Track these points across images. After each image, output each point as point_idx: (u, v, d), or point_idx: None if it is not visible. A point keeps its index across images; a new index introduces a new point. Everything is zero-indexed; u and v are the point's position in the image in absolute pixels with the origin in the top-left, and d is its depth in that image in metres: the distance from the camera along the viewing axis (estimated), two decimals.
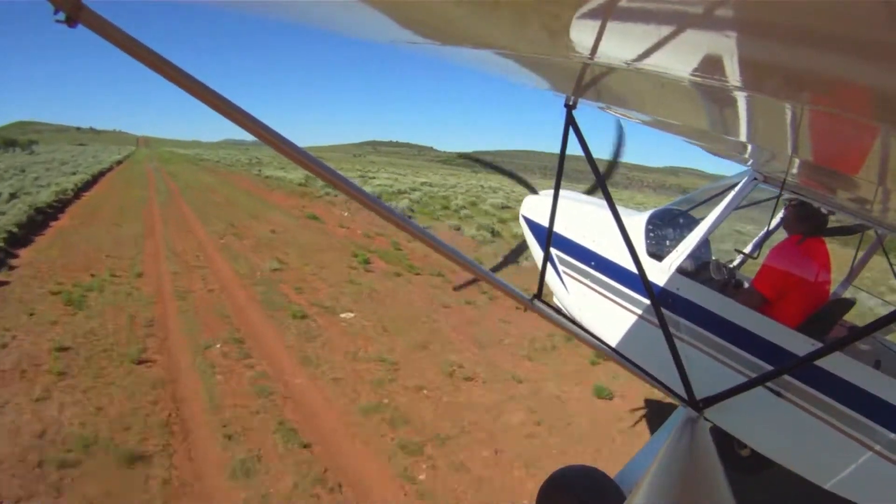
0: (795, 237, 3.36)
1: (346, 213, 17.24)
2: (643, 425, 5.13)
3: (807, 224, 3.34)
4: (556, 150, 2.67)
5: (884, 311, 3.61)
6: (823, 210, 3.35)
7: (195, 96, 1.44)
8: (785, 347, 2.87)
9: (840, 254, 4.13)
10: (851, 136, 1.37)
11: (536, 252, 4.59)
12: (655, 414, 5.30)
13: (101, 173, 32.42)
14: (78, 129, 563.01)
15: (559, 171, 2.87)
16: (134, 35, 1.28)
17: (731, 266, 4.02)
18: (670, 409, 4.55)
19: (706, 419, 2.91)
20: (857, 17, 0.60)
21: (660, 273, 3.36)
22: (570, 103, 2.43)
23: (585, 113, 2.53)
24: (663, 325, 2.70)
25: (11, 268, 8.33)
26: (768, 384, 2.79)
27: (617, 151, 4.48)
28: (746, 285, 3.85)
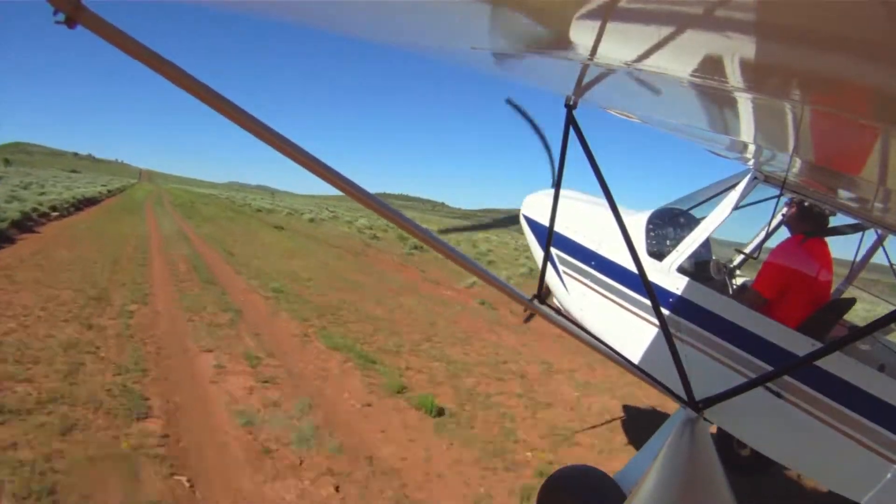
0: (798, 237, 3.35)
1: None
2: None
3: (809, 224, 3.33)
4: None
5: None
6: (825, 210, 3.35)
7: (197, 97, 1.44)
8: (785, 348, 2.86)
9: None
10: (852, 136, 1.37)
11: (537, 252, 4.59)
12: None
13: None
14: (75, 154, 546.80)
15: (559, 171, 2.87)
16: (135, 37, 1.28)
17: (731, 266, 4.02)
18: None
19: (706, 419, 2.91)
20: (856, 18, 0.60)
21: (660, 273, 3.36)
22: (571, 103, 2.43)
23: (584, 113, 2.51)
24: (663, 325, 2.70)
25: None
26: (768, 384, 2.79)
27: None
28: (747, 285, 3.85)
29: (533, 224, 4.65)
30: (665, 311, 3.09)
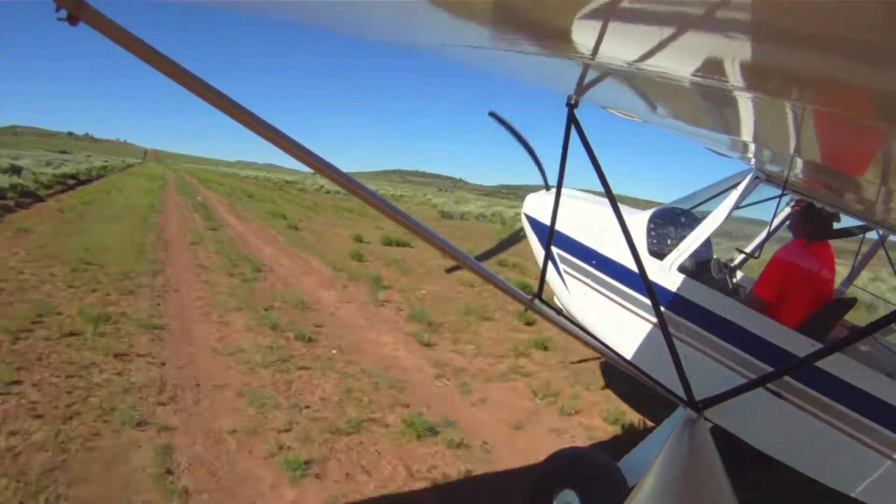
0: (801, 240, 3.35)
1: None
2: None
3: (813, 227, 3.33)
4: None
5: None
6: (830, 213, 3.34)
7: (198, 95, 1.44)
8: (785, 348, 2.86)
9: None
10: (853, 136, 1.37)
11: (538, 251, 4.59)
12: None
13: None
14: (70, 134, 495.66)
15: (561, 171, 2.86)
16: (137, 34, 1.28)
17: (732, 266, 4.01)
18: None
19: (706, 419, 2.91)
20: (855, 18, 0.60)
21: (661, 272, 3.36)
22: (573, 102, 2.43)
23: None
24: (663, 325, 2.70)
25: None
26: (768, 385, 2.79)
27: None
28: (748, 286, 3.85)
29: (534, 223, 4.65)
30: (665, 311, 3.09)
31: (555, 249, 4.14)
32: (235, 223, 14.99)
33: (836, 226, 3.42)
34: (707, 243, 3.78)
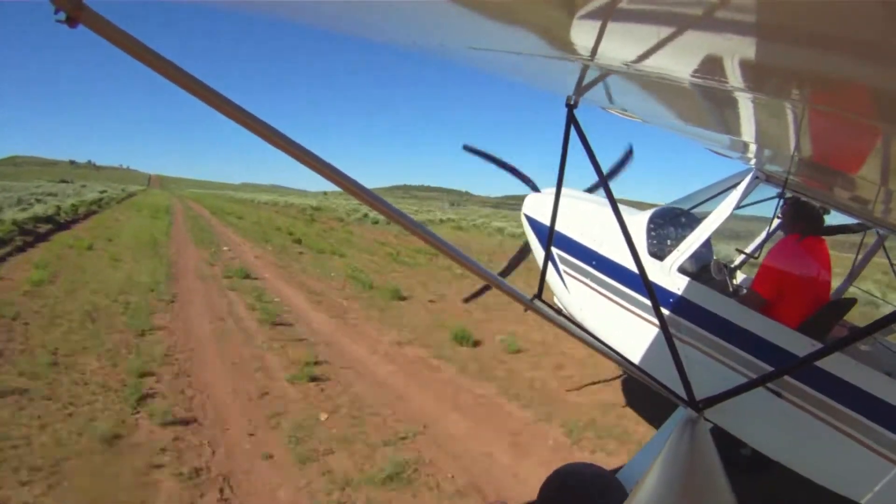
0: (794, 236, 3.35)
1: None
2: None
3: (804, 222, 3.33)
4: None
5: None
6: (820, 208, 3.35)
7: (200, 98, 1.43)
8: (785, 348, 2.86)
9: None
10: (853, 136, 1.37)
11: (537, 251, 4.59)
12: None
13: None
14: (72, 162, 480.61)
15: (561, 171, 2.86)
16: (138, 37, 1.27)
17: (732, 266, 4.01)
18: None
19: (706, 419, 2.91)
20: (855, 18, 0.60)
21: (661, 273, 3.36)
22: (572, 103, 2.43)
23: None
24: (663, 325, 2.70)
25: None
26: (768, 384, 2.79)
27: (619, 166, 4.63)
28: (746, 286, 3.85)
29: (534, 223, 4.65)
30: (665, 311, 3.09)
31: (554, 250, 4.14)
32: (324, 325, 7.55)
33: (829, 221, 3.43)
34: (707, 244, 3.78)
